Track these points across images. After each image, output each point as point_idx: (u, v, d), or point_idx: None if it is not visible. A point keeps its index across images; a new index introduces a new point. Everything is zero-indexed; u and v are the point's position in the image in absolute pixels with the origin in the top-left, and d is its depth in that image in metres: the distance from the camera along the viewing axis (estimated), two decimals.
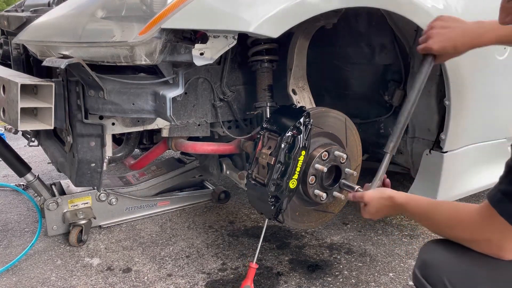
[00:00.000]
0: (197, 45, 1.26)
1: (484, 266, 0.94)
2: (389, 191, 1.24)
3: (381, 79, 2.00)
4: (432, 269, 0.96)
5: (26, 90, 1.30)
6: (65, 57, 1.31)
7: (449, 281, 0.92)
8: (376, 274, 1.86)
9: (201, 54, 1.27)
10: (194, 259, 1.98)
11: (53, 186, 2.29)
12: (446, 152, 1.75)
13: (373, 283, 1.80)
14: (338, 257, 2.00)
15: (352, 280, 1.82)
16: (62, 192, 2.21)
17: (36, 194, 2.15)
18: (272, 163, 1.41)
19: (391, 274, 1.86)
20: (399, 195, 1.19)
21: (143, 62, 1.26)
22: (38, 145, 2.08)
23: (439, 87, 1.72)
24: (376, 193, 1.27)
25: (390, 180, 1.43)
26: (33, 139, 2.05)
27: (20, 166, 2.03)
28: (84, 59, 1.27)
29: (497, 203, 0.90)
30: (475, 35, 1.34)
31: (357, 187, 1.46)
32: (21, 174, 2.05)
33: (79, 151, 1.48)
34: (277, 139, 1.42)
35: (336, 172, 1.56)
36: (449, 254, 0.98)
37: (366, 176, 1.61)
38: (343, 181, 1.53)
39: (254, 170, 1.48)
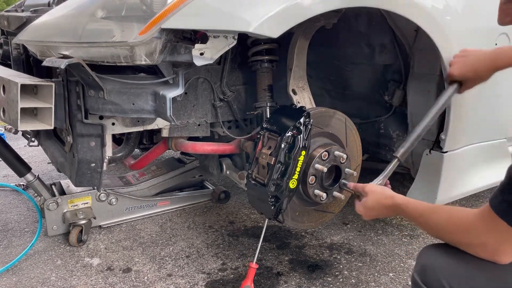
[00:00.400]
0: (197, 45, 1.26)
1: (484, 270, 0.94)
2: (390, 191, 1.24)
3: (381, 79, 2.00)
4: (432, 273, 0.96)
5: (26, 90, 1.30)
6: (65, 57, 1.31)
7: (449, 284, 0.92)
8: (376, 274, 1.86)
9: (201, 54, 1.27)
10: (194, 259, 1.98)
11: (53, 186, 2.29)
12: (446, 152, 1.74)
13: (373, 283, 1.80)
14: (338, 257, 2.00)
15: (352, 280, 1.82)
16: (62, 192, 2.21)
17: (36, 194, 2.15)
18: (272, 163, 1.41)
19: (391, 274, 1.86)
20: (399, 196, 1.20)
21: (143, 62, 1.26)
22: (38, 145, 2.08)
23: (439, 87, 1.72)
24: (378, 188, 1.28)
25: (390, 180, 1.43)
26: (33, 139, 2.06)
27: (20, 166, 2.03)
28: (84, 59, 1.27)
29: (504, 213, 0.89)
30: (493, 57, 1.41)
31: (351, 185, 1.45)
32: (21, 174, 2.05)
33: (79, 151, 1.48)
34: (277, 139, 1.42)
35: (336, 172, 1.56)
36: (448, 258, 0.98)
37: (366, 176, 1.61)
38: (343, 181, 1.53)
39: (254, 170, 1.48)
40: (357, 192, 1.35)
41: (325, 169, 1.49)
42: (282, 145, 1.40)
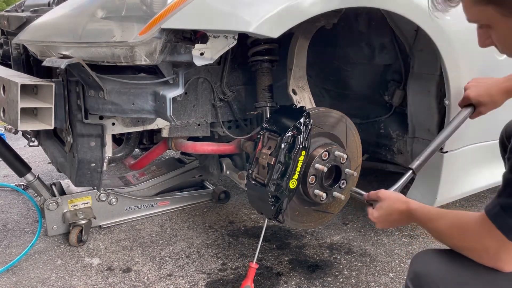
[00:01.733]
0: (197, 45, 1.26)
1: (478, 275, 0.93)
2: (404, 197, 1.21)
3: (381, 79, 2.00)
4: (425, 279, 0.95)
5: (26, 90, 1.30)
6: (65, 57, 1.31)
7: None
8: (376, 274, 1.86)
9: (201, 54, 1.27)
10: (194, 259, 1.98)
11: (53, 186, 2.29)
12: (446, 152, 1.74)
13: (373, 283, 1.80)
14: (338, 257, 2.00)
15: (352, 280, 1.82)
16: (62, 192, 2.21)
17: (36, 194, 2.15)
18: (272, 163, 1.41)
19: (391, 274, 1.86)
20: (413, 201, 1.17)
21: (143, 62, 1.26)
22: (38, 145, 2.08)
23: (439, 87, 1.72)
24: (393, 193, 1.25)
25: (391, 180, 1.43)
26: (33, 139, 2.05)
27: (20, 166, 2.03)
28: (84, 59, 1.27)
29: (495, 217, 0.89)
30: (507, 81, 1.46)
31: (365, 194, 1.41)
32: (21, 174, 2.05)
33: (79, 151, 1.48)
34: (277, 139, 1.42)
35: (336, 172, 1.56)
36: (441, 264, 0.97)
37: (366, 176, 1.61)
38: (354, 188, 1.44)
39: (254, 170, 1.48)
40: (371, 199, 1.31)
41: (325, 169, 1.49)
42: (282, 145, 1.40)
